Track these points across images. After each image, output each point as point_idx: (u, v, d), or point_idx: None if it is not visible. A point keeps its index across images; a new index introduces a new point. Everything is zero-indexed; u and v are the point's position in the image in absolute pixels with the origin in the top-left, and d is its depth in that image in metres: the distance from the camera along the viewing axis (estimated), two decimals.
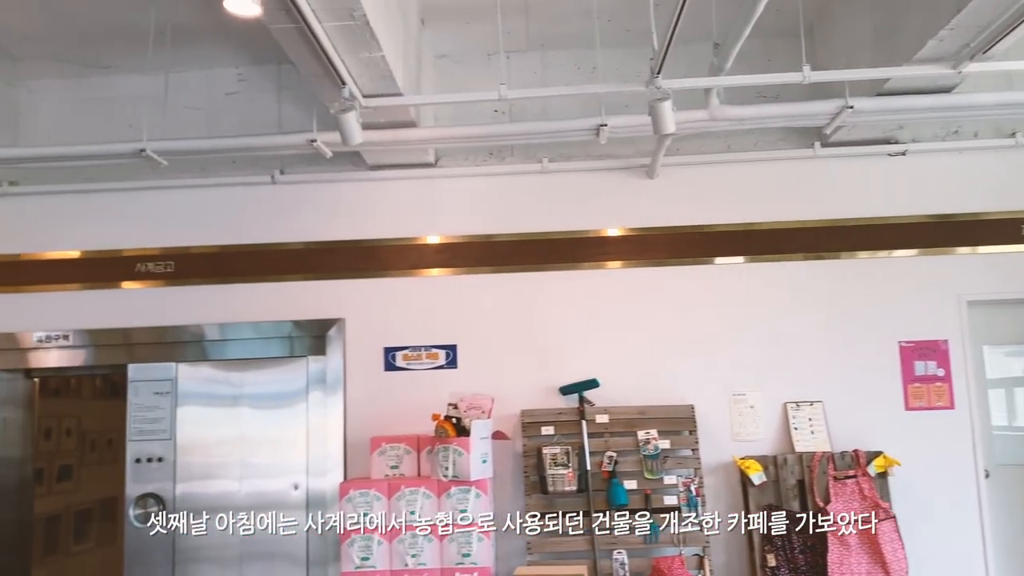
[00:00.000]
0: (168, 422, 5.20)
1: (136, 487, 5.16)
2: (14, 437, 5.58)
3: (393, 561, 4.58)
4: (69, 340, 5.38)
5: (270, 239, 5.50)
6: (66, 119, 5.62)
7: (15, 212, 5.61)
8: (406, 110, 4.74)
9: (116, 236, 5.56)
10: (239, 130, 5.22)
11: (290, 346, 5.34)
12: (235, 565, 5.10)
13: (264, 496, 5.18)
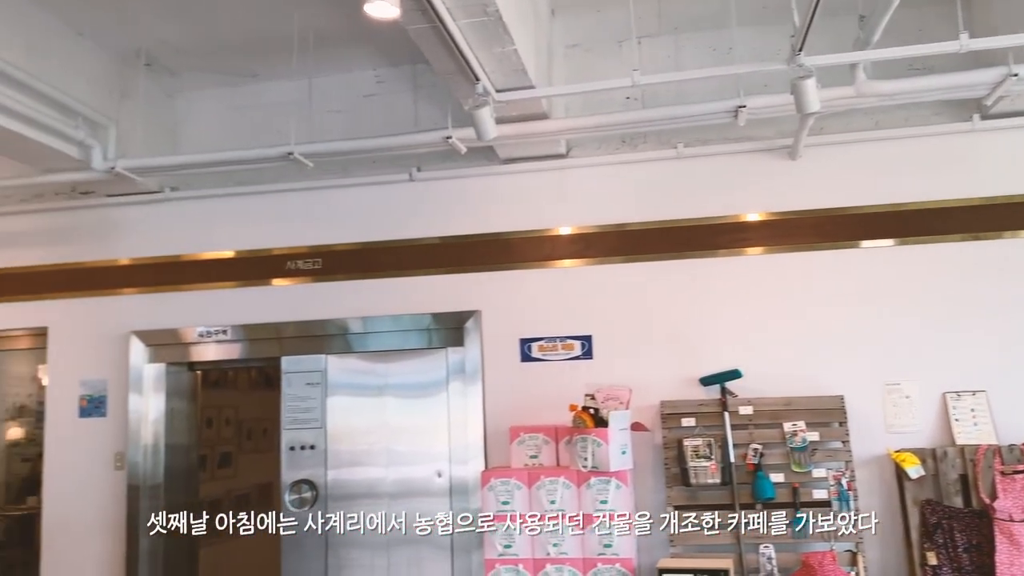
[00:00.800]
0: (319, 411, 5.45)
1: (291, 473, 5.43)
2: (181, 426, 6.00)
3: (535, 550, 4.63)
4: (227, 335, 5.72)
5: (408, 235, 5.66)
6: (220, 127, 5.97)
7: (176, 216, 6.02)
8: (538, 102, 4.76)
9: (267, 236, 5.86)
10: (378, 130, 5.38)
11: (428, 338, 5.48)
12: (383, 550, 5.30)
13: (409, 483, 5.35)
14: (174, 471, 5.88)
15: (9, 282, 6.15)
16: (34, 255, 6.14)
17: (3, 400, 7.93)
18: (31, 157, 5.32)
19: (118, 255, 6.04)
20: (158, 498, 5.72)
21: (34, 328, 6.17)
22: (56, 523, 5.89)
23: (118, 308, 5.97)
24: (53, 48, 4.92)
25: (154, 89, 5.77)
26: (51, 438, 5.98)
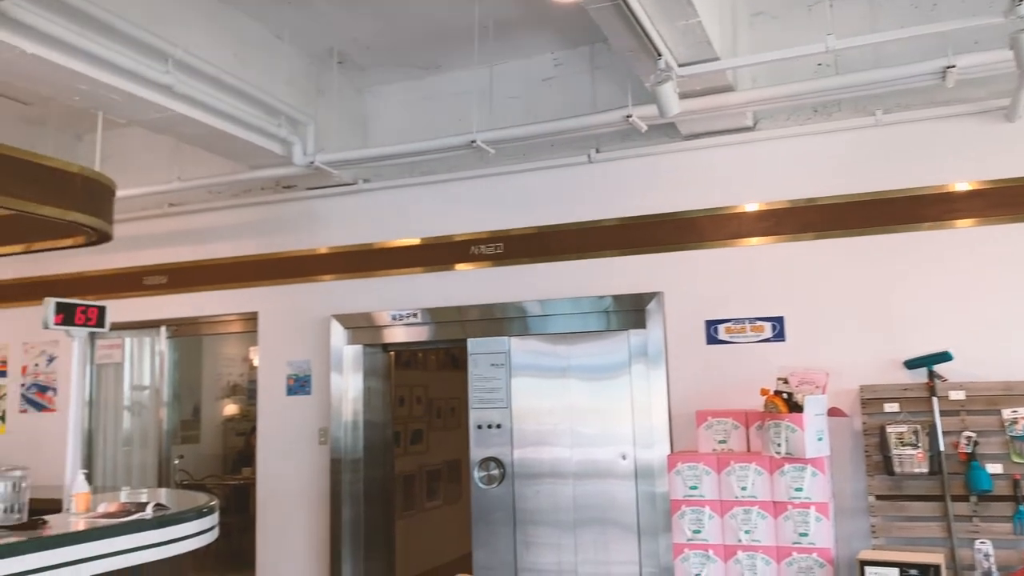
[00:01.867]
0: (504, 392, 5.58)
1: (479, 451, 5.60)
2: (377, 404, 6.34)
3: (726, 536, 4.52)
4: (417, 318, 5.97)
5: (587, 217, 5.66)
6: (406, 119, 6.21)
7: (368, 206, 6.34)
8: (723, 75, 4.60)
9: (451, 222, 6.06)
10: (556, 114, 5.40)
11: (607, 320, 5.46)
12: (570, 529, 5.36)
13: (594, 464, 5.37)
14: (372, 446, 6.22)
15: (224, 271, 6.73)
16: (245, 246, 6.68)
17: (219, 380, 8.70)
18: (240, 155, 5.77)
19: (318, 244, 6.45)
20: (358, 471, 6.09)
21: (245, 313, 6.73)
22: (268, 492, 6.41)
23: (319, 293, 6.39)
24: (257, 53, 5.30)
25: (346, 85, 6.09)
26: (262, 414, 6.51)
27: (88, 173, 4.32)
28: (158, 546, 3.93)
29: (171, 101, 4.71)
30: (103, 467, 7.16)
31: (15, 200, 3.93)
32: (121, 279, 7.05)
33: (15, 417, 7.41)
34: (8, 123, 6.44)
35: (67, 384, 7.00)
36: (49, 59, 4.04)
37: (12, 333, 7.49)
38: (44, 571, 3.41)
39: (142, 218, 6.87)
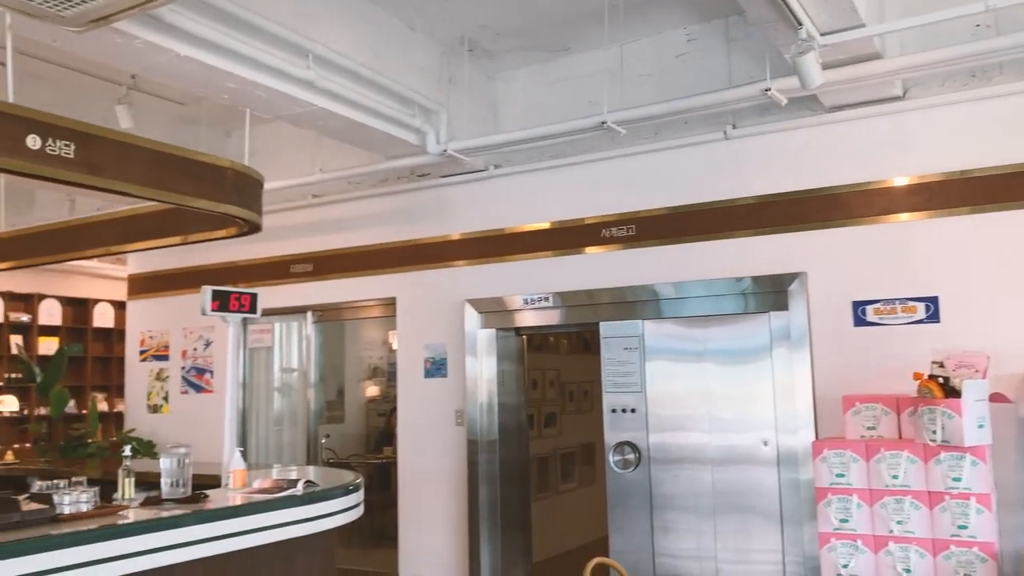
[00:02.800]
0: (638, 376, 5.52)
1: (613, 435, 5.57)
2: (511, 387, 6.42)
3: (875, 526, 4.31)
4: (549, 302, 5.99)
5: (722, 196, 5.50)
6: (536, 103, 6.22)
7: (499, 192, 6.40)
8: (869, 42, 4.34)
9: (581, 205, 6.03)
10: (690, 90, 5.26)
11: (745, 302, 5.30)
12: (709, 515, 5.27)
13: (734, 450, 5.25)
14: (506, 428, 6.31)
15: (364, 258, 6.97)
16: (383, 234, 6.89)
17: (360, 362, 9.04)
18: (377, 146, 5.94)
19: (451, 231, 6.58)
20: (494, 452, 6.19)
21: (384, 298, 6.95)
22: (409, 471, 6.62)
23: (453, 279, 6.52)
24: (391, 44, 5.43)
25: (476, 73, 6.15)
26: (402, 396, 6.72)
27: (238, 167, 4.56)
28: (308, 521, 4.13)
29: (312, 96, 4.90)
30: (255, 445, 7.60)
31: (175, 195, 4.20)
32: (270, 267, 7.43)
33: (177, 398, 7.97)
34: (165, 123, 6.89)
35: (223, 367, 7.49)
36: (201, 60, 4.28)
37: (173, 319, 8.05)
38: (205, 542, 3.65)
39: (288, 209, 7.21)
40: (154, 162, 4.06)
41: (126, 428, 8.13)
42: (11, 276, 9.20)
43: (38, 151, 3.53)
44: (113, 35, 3.91)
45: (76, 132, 3.68)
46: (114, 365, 10.98)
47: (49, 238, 6.26)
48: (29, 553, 3.02)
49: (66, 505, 3.56)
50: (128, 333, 8.51)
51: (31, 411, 9.94)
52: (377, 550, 7.34)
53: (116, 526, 3.40)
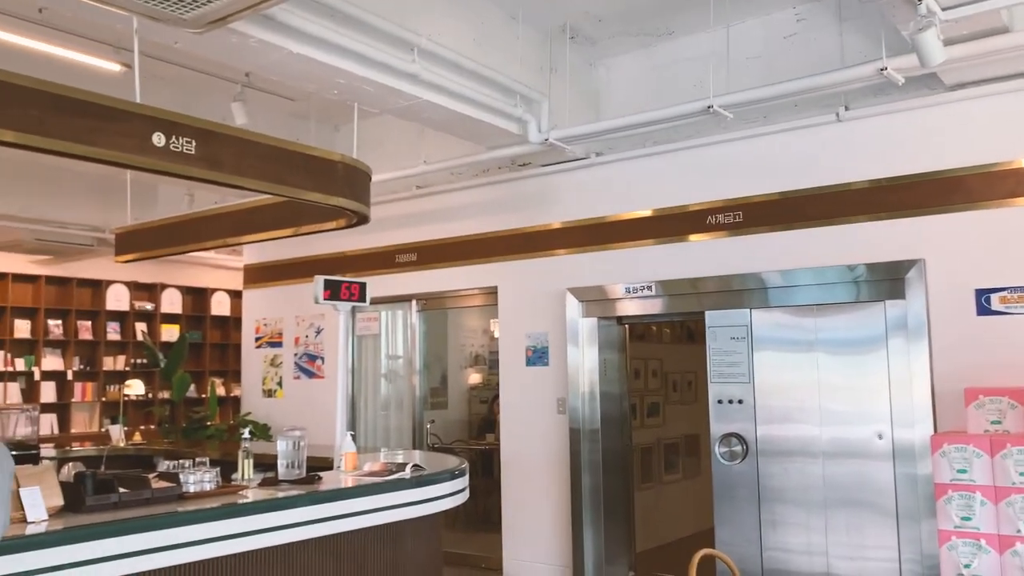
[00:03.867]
0: (745, 366, 5.40)
1: (719, 426, 5.47)
2: (613, 376, 6.39)
3: (1000, 525, 4.10)
4: (651, 291, 5.92)
5: (834, 180, 5.32)
6: (638, 89, 6.15)
7: (600, 179, 6.37)
8: (996, 15, 4.09)
9: (684, 192, 5.94)
10: (800, 71, 5.09)
11: (858, 290, 5.10)
12: (819, 510, 5.11)
13: (846, 443, 5.07)
14: (609, 417, 6.29)
15: (465, 248, 7.07)
16: (485, 223, 6.96)
17: (462, 350, 9.18)
18: (479, 136, 6.00)
19: (552, 219, 6.58)
20: (596, 441, 6.19)
21: (486, 287, 7.03)
22: (511, 458, 6.69)
23: (554, 267, 6.53)
24: (493, 34, 5.46)
25: (578, 60, 6.12)
26: (504, 384, 6.79)
27: (348, 161, 4.69)
28: (416, 504, 4.23)
29: (417, 89, 4.98)
30: (364, 429, 7.83)
31: (288, 188, 4.35)
32: (376, 257, 7.63)
33: (290, 383, 8.29)
34: (278, 118, 7.15)
35: (333, 353, 7.74)
36: (312, 57, 4.42)
37: (286, 307, 8.37)
38: (319, 523, 3.79)
39: (393, 200, 7.37)
40: (269, 157, 4.22)
41: (243, 411, 8.51)
42: (136, 267, 9.76)
43: (163, 148, 3.71)
44: (229, 35, 4.07)
45: (197, 129, 3.85)
46: (230, 351, 11.51)
47: (171, 231, 6.59)
48: (158, 528, 3.21)
49: (191, 484, 3.77)
50: (244, 321, 8.90)
51: (155, 395, 10.54)
52: (481, 534, 7.45)
53: (237, 505, 3.57)
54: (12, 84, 3.20)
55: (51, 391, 9.92)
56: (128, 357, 10.65)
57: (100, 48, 5.51)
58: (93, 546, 2.99)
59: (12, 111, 3.20)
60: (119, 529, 3.09)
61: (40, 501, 3.12)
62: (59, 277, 10.11)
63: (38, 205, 8.09)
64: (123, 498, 3.37)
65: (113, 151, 3.53)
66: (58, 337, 10.07)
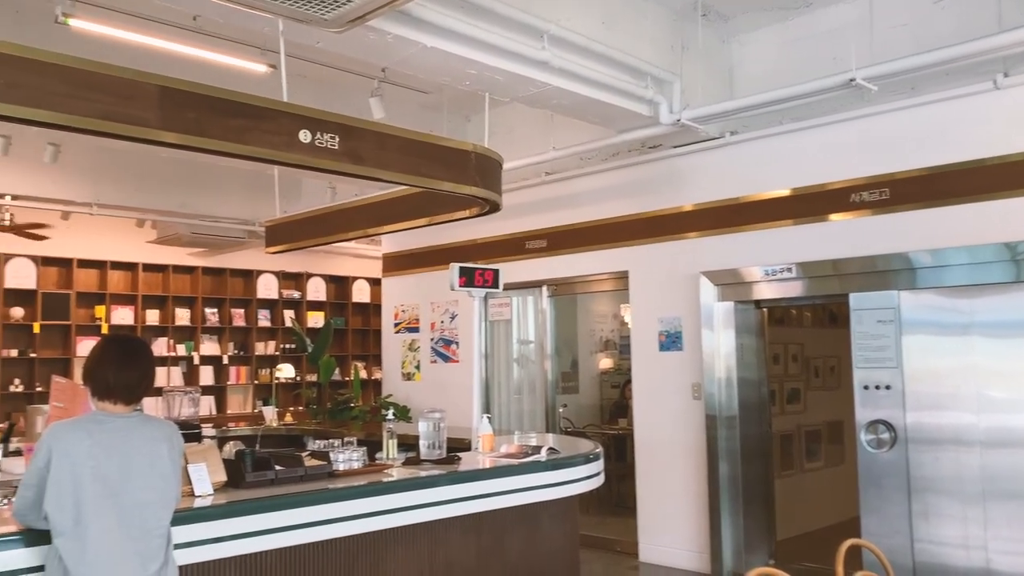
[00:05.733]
0: (893, 350, 5.14)
1: (865, 413, 5.25)
2: (751, 361, 6.23)
3: None
4: (791, 272, 5.73)
5: (990, 153, 4.99)
6: (774, 65, 5.94)
7: (734, 159, 6.21)
8: None
9: (824, 170, 5.70)
10: (951, 38, 4.78)
11: (1017, 269, 4.75)
12: (977, 501, 4.82)
13: (1008, 432, 4.76)
14: (746, 404, 6.15)
15: (596, 232, 7.06)
16: (614, 207, 6.93)
17: (592, 335, 9.19)
18: (609, 120, 5.97)
19: (684, 202, 6.48)
20: (733, 428, 6.07)
21: (617, 272, 7.01)
22: (644, 444, 6.66)
23: (687, 251, 6.43)
24: (622, 15, 5.41)
25: (710, 38, 5.98)
26: (636, 369, 6.76)
27: (480, 150, 4.77)
28: (552, 487, 4.29)
29: (547, 75, 5.01)
30: (497, 412, 7.98)
31: (424, 179, 4.47)
32: (506, 244, 7.74)
33: (427, 367, 8.55)
34: (411, 111, 7.35)
35: (467, 338, 7.93)
36: (445, 50, 4.52)
37: (422, 294, 8.62)
38: (459, 502, 3.90)
39: (523, 187, 7.45)
40: (406, 149, 4.35)
41: (384, 394, 8.86)
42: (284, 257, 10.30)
43: (309, 144, 3.90)
44: (367, 32, 4.23)
45: (340, 125, 4.02)
46: (371, 336, 11.99)
47: (315, 223, 6.91)
48: (312, 504, 3.41)
49: (340, 462, 3.97)
50: (383, 307, 9.24)
51: (303, 378, 11.11)
52: (615, 518, 7.47)
53: (383, 483, 3.74)
54: (173, 89, 3.44)
55: (209, 374, 10.65)
56: (278, 342, 11.28)
57: (248, 51, 5.83)
58: (254, 519, 3.21)
59: (173, 114, 3.44)
60: (277, 504, 3.30)
61: (206, 477, 3.37)
62: (214, 268, 10.81)
63: (194, 201, 8.67)
64: (279, 475, 3.59)
65: (264, 148, 3.74)
66: (214, 324, 10.78)
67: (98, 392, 2.68)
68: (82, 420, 2.67)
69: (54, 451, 2.52)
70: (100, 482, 2.53)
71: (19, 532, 2.65)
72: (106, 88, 3.23)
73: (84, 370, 2.73)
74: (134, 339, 2.88)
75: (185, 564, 2.90)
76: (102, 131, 3.28)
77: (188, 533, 2.97)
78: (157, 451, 2.69)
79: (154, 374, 2.82)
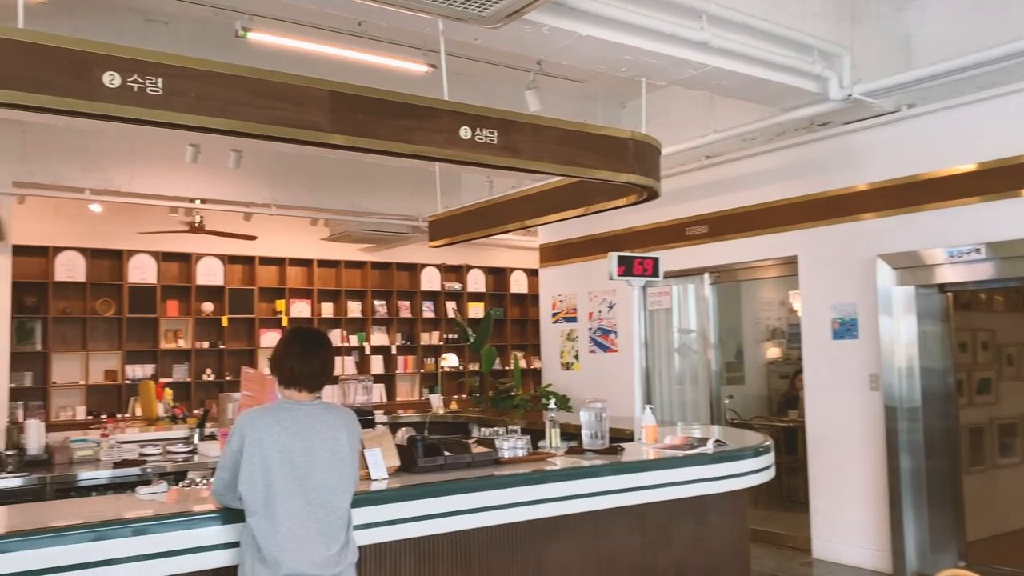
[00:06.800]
0: None
1: None
2: (934, 349, 5.81)
3: None
4: (980, 254, 5.29)
5: None
6: (957, 29, 5.48)
7: (912, 134, 5.80)
8: None
9: (1018, 142, 5.22)
10: None
11: None
12: None
13: None
14: (930, 395, 5.75)
15: (761, 216, 6.80)
16: (780, 190, 6.65)
17: (758, 323, 8.87)
18: (773, 99, 5.72)
19: (857, 181, 6.12)
20: (916, 420, 5.70)
21: (783, 257, 6.72)
22: (817, 436, 6.36)
23: (861, 233, 6.07)
24: None
25: (883, 6, 5.60)
26: (807, 359, 6.46)
27: (638, 137, 4.70)
28: (719, 480, 4.18)
29: (706, 56, 4.87)
30: (658, 403, 7.87)
31: (581, 168, 4.46)
32: (665, 231, 7.60)
33: (585, 356, 8.56)
34: (566, 101, 7.36)
35: (626, 328, 7.87)
36: (601, 38, 4.49)
37: (579, 284, 8.64)
38: (622, 492, 3.88)
39: (681, 172, 7.29)
40: (563, 140, 4.36)
41: (543, 383, 8.95)
42: (445, 251, 10.63)
43: (469, 140, 3.98)
44: (523, 26, 4.26)
45: (499, 120, 4.08)
46: (529, 326, 12.15)
47: (475, 216, 7.07)
48: (479, 490, 3.49)
49: (505, 450, 4.04)
50: (541, 297, 9.32)
51: (465, 366, 11.42)
52: (786, 513, 7.19)
53: (547, 471, 3.78)
54: (342, 93, 3.60)
55: (379, 363, 11.16)
56: (441, 332, 11.65)
57: (408, 52, 6.03)
58: (425, 503, 3.33)
59: (343, 117, 3.61)
60: (447, 489, 3.41)
61: (381, 461, 3.53)
62: (382, 262, 11.30)
63: (363, 200, 9.10)
64: (448, 461, 3.70)
65: (427, 147, 3.85)
66: (383, 316, 11.28)
67: (284, 381, 2.87)
68: (271, 408, 2.86)
69: (246, 436, 2.71)
70: (288, 465, 2.70)
71: (217, 511, 2.88)
72: (282, 95, 3.44)
73: (271, 361, 2.93)
74: (316, 332, 3.05)
75: (362, 545, 3.04)
76: (279, 136, 3.49)
77: (365, 515, 3.12)
78: (337, 437, 2.84)
79: (334, 364, 2.99)
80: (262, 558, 2.66)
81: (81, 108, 3.03)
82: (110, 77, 3.05)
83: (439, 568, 3.42)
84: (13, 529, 2.66)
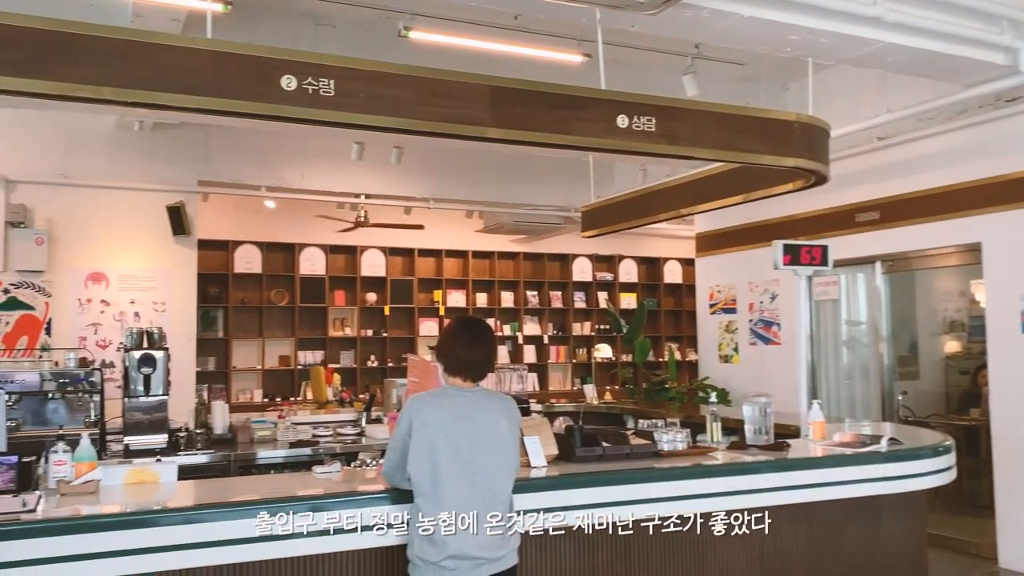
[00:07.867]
0: None
1: None
2: None
3: None
4: None
5: None
6: None
7: None
8: None
9: None
10: None
11: None
12: None
13: None
14: None
15: (939, 201, 6.35)
16: (961, 172, 6.17)
17: (934, 315, 8.29)
18: (953, 74, 5.32)
19: None
20: None
21: (965, 244, 6.25)
22: (1004, 437, 5.88)
23: None
24: None
25: None
26: (993, 354, 5.98)
27: (804, 119, 4.49)
28: (894, 480, 3.96)
29: (879, 32, 4.59)
30: (825, 398, 7.50)
31: (744, 154, 4.31)
32: (832, 217, 7.23)
33: (745, 349, 8.30)
34: (725, 84, 7.14)
35: (789, 319, 7.56)
36: (764, 18, 4.32)
37: (739, 274, 8.38)
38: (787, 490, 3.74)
39: (850, 155, 6.89)
40: (723, 124, 4.23)
41: (700, 376, 8.76)
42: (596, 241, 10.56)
43: (626, 129, 3.94)
44: (682, 10, 4.17)
45: (656, 107, 4.01)
46: (684, 317, 11.91)
47: (629, 205, 7.00)
48: (639, 482, 3.47)
49: (664, 443, 3.99)
50: (698, 288, 9.12)
51: (618, 357, 11.36)
52: (966, 518, 6.70)
53: (709, 466, 3.70)
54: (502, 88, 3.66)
55: (532, 353, 11.28)
56: (593, 323, 11.63)
57: (563, 43, 6.04)
58: (585, 492, 3.35)
59: (503, 112, 3.66)
60: (607, 479, 3.41)
61: (540, 449, 3.57)
62: (533, 253, 11.40)
63: (516, 191, 9.21)
64: (607, 451, 3.70)
65: (584, 137, 3.85)
66: (535, 306, 11.39)
67: (450, 368, 2.96)
68: (436, 393, 2.96)
69: (414, 420, 2.82)
70: (452, 449, 2.79)
71: (387, 491, 3.02)
72: (445, 93, 3.53)
73: (437, 348, 3.03)
74: (480, 322, 3.13)
75: (523, 531, 3.09)
76: (443, 132, 3.59)
77: (525, 502, 3.17)
78: (498, 422, 2.91)
79: (496, 354, 3.05)
80: (429, 538, 2.76)
81: (263, 111, 3.24)
82: (287, 80, 3.24)
83: (598, 558, 3.42)
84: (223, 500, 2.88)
